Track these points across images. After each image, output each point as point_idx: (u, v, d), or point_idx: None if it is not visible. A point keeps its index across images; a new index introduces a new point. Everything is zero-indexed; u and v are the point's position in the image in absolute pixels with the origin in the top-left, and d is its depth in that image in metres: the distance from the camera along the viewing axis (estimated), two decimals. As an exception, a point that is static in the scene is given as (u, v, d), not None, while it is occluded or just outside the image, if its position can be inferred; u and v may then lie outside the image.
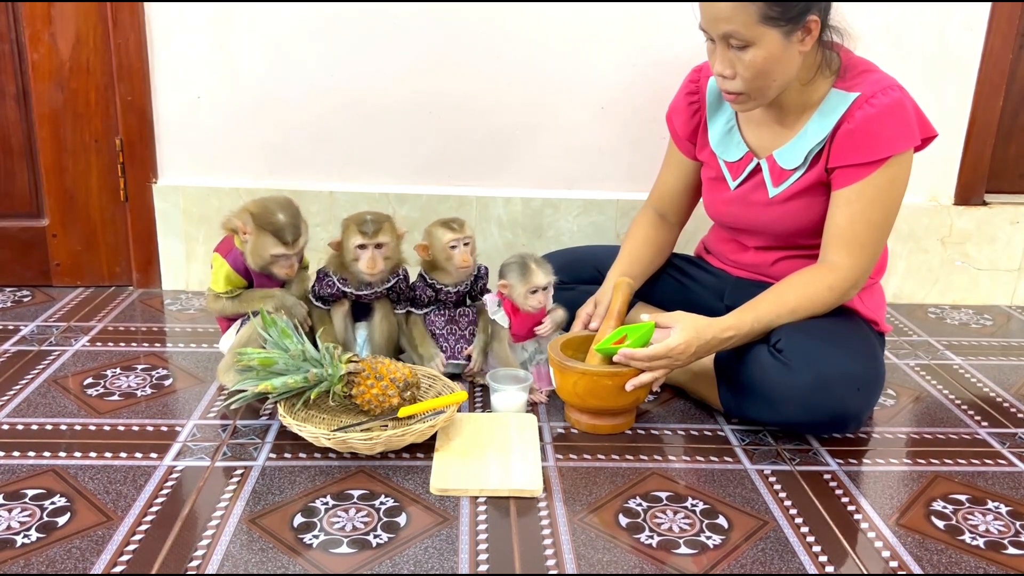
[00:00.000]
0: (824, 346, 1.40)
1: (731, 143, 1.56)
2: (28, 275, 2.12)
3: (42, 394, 1.56)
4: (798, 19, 1.32)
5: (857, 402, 1.42)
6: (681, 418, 1.56)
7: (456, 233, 1.59)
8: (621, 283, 1.56)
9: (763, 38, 1.32)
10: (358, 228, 1.54)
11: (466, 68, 2.02)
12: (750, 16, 1.31)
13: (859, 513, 1.27)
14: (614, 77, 2.04)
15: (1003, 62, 2.07)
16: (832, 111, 1.42)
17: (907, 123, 1.39)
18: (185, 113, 2.03)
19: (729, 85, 1.40)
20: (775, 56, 1.35)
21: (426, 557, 1.13)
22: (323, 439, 1.35)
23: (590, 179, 2.12)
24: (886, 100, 1.38)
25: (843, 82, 1.43)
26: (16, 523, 1.17)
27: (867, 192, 1.40)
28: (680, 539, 1.19)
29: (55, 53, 1.96)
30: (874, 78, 1.42)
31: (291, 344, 1.41)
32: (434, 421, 1.38)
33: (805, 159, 1.45)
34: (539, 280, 1.57)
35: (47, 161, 2.03)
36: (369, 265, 1.55)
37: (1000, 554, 1.19)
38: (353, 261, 1.56)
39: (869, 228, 1.42)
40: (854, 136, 1.39)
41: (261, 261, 1.52)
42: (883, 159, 1.38)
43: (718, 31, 1.35)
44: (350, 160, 2.08)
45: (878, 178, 1.39)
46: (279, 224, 1.50)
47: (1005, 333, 2.06)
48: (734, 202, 1.57)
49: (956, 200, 2.18)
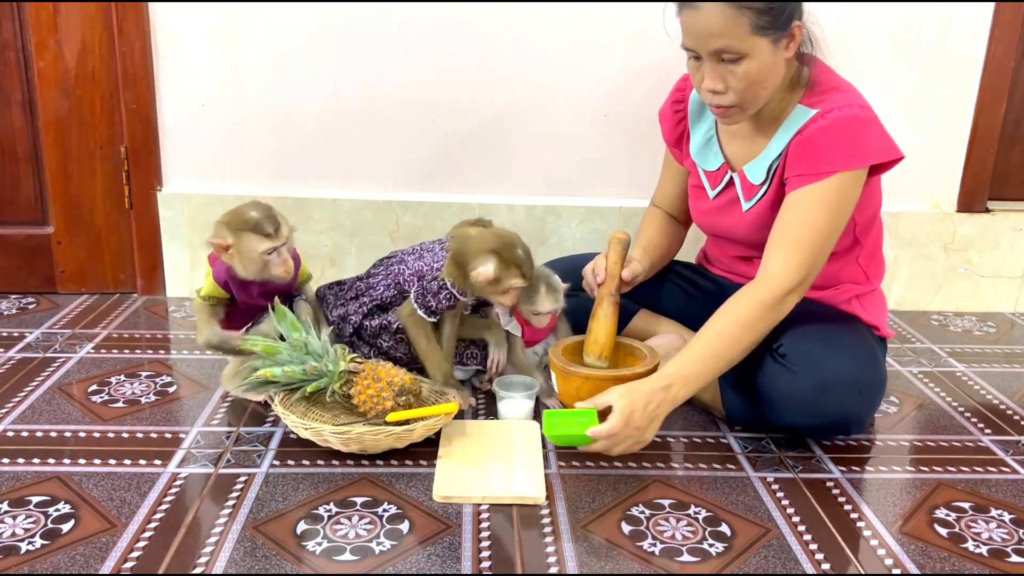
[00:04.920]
0: (826, 350, 1.40)
1: (710, 153, 1.56)
2: (33, 282, 2.13)
3: (47, 401, 1.57)
4: (785, 25, 1.32)
5: (859, 406, 1.42)
6: (684, 425, 1.56)
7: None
8: (613, 238, 1.55)
9: (755, 48, 1.32)
10: (520, 271, 1.47)
11: (469, 76, 2.02)
12: (742, 28, 1.30)
13: (862, 521, 1.27)
14: (617, 85, 2.04)
15: (1006, 69, 2.07)
16: (792, 126, 1.41)
17: (857, 141, 1.36)
18: (190, 121, 2.04)
19: (720, 100, 1.38)
20: (767, 66, 1.34)
21: (429, 564, 1.13)
22: (302, 429, 1.37)
23: (593, 186, 2.12)
24: (840, 115, 1.36)
25: (809, 97, 1.41)
26: (21, 530, 1.18)
27: (814, 196, 1.36)
28: (683, 547, 1.19)
29: (61, 61, 1.97)
30: (838, 96, 1.39)
31: (297, 335, 1.42)
32: (413, 426, 1.37)
33: (768, 174, 1.45)
34: (544, 307, 1.56)
35: (52, 168, 2.04)
36: (516, 299, 1.52)
37: (1003, 562, 1.19)
38: (501, 294, 1.50)
39: (810, 232, 1.36)
40: (802, 147, 1.38)
41: (255, 266, 1.46)
42: (829, 173, 1.35)
43: (709, 48, 1.33)
44: (354, 167, 2.09)
45: (826, 187, 1.36)
46: (254, 219, 1.44)
47: (1008, 340, 2.06)
48: (714, 212, 1.57)
49: (959, 207, 2.18)
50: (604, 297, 1.54)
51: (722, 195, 1.55)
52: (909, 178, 2.14)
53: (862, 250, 1.52)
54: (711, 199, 1.57)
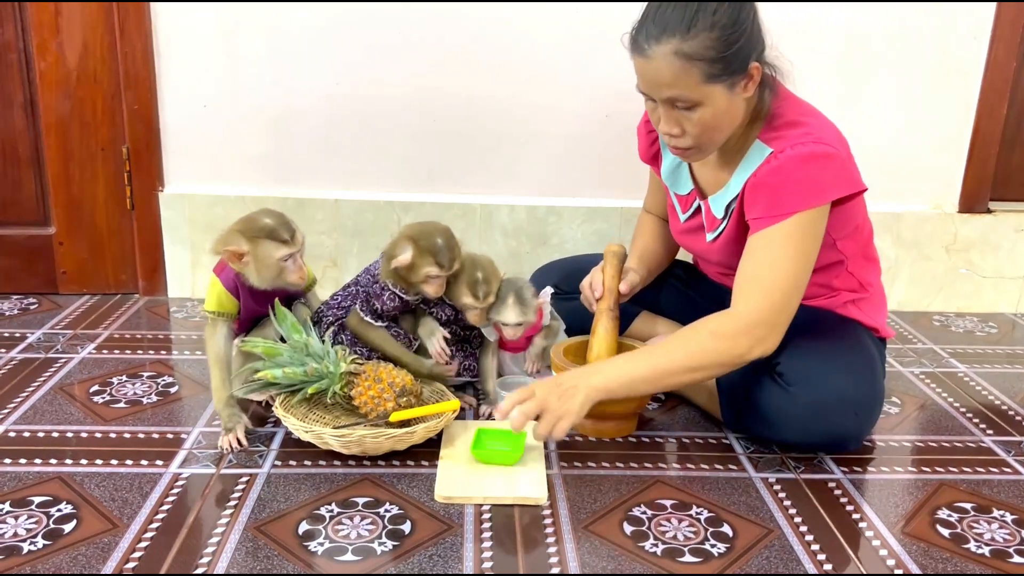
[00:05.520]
0: (823, 368, 1.38)
1: (680, 178, 1.54)
2: (35, 283, 2.13)
3: (48, 401, 1.57)
4: (740, 69, 1.28)
5: (854, 427, 1.42)
6: (685, 426, 1.56)
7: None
8: (609, 252, 1.54)
9: (709, 96, 1.28)
10: (436, 261, 1.48)
11: (471, 76, 2.02)
12: (694, 79, 1.26)
13: (864, 521, 1.27)
14: (618, 86, 2.03)
15: (1007, 70, 2.07)
16: (749, 164, 1.38)
17: (812, 180, 1.30)
18: (191, 122, 2.04)
19: (678, 143, 1.35)
20: (722, 110, 1.30)
21: (430, 565, 1.13)
22: (303, 432, 1.36)
23: (594, 187, 2.12)
24: (792, 154, 1.31)
25: (766, 132, 1.37)
26: (23, 530, 1.18)
27: (775, 239, 1.32)
28: (685, 547, 1.19)
29: (62, 62, 1.97)
30: (795, 132, 1.34)
31: (298, 337, 1.43)
32: (414, 428, 1.37)
33: (726, 211, 1.44)
34: (508, 319, 1.53)
35: (54, 169, 2.04)
36: (438, 290, 1.51)
37: (1005, 562, 1.19)
38: (420, 284, 1.51)
39: (775, 274, 1.32)
40: (757, 190, 1.34)
41: (271, 273, 1.44)
42: (787, 214, 1.31)
43: (662, 95, 1.30)
44: (355, 168, 2.09)
45: (786, 228, 1.32)
46: (269, 226, 1.43)
47: (1010, 341, 2.06)
48: (686, 234, 1.57)
49: (960, 208, 2.18)
50: (604, 312, 1.53)
51: (691, 220, 1.54)
52: (910, 179, 2.15)
53: (849, 261, 1.50)
54: (681, 222, 1.56)
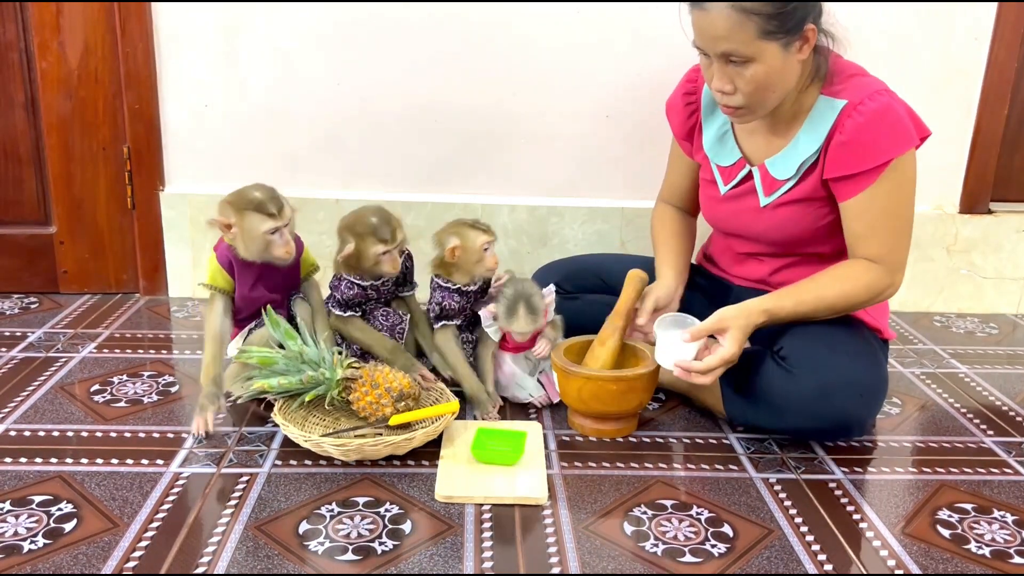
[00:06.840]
0: (827, 353, 1.40)
1: (725, 148, 1.55)
2: (36, 282, 2.13)
3: (49, 400, 1.57)
4: (796, 29, 1.31)
5: (860, 408, 1.42)
6: (685, 426, 1.56)
7: (488, 235, 1.57)
8: (631, 276, 1.53)
9: (763, 53, 1.31)
10: (377, 238, 1.51)
11: (472, 76, 2.02)
12: (749, 33, 1.29)
13: (864, 522, 1.27)
14: (619, 86, 2.04)
15: (1008, 71, 2.07)
16: (821, 120, 1.41)
17: (899, 126, 1.37)
18: (192, 121, 2.04)
19: (729, 100, 1.38)
20: (776, 69, 1.34)
21: (431, 565, 1.13)
22: (302, 440, 1.36)
23: (595, 187, 2.12)
24: (874, 106, 1.36)
25: (830, 88, 1.41)
26: (23, 529, 1.18)
27: (878, 198, 1.39)
28: (685, 547, 1.19)
29: (63, 62, 1.97)
30: (860, 83, 1.40)
31: (293, 345, 1.42)
32: (413, 434, 1.37)
33: (798, 171, 1.45)
34: (520, 328, 1.52)
35: (55, 169, 2.04)
36: (392, 265, 1.53)
37: (1006, 563, 1.18)
38: (374, 266, 1.53)
39: (890, 233, 1.41)
40: (847, 147, 1.38)
41: (257, 246, 1.45)
42: (882, 165, 1.37)
43: (716, 50, 1.33)
44: (356, 168, 2.09)
45: (885, 182, 1.38)
46: (257, 199, 1.44)
47: (1011, 342, 2.06)
48: (727, 207, 1.57)
49: (961, 208, 2.18)
50: (616, 330, 1.52)
51: (736, 190, 1.54)
52: (911, 179, 2.15)
53: None
54: (722, 193, 1.56)
